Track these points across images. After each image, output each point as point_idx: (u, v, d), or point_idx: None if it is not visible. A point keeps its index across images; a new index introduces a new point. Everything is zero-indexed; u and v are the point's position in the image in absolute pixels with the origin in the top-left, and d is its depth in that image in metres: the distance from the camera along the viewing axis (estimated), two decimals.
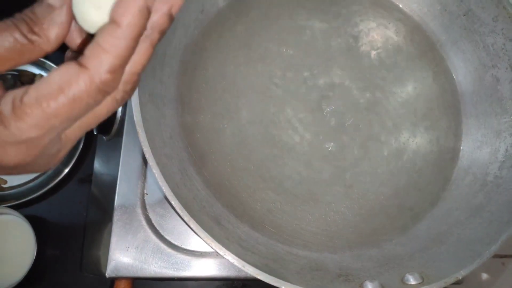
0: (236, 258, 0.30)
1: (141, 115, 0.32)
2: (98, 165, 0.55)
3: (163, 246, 0.41)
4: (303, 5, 0.46)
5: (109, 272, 0.40)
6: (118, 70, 0.18)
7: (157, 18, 0.19)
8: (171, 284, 0.55)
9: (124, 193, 0.42)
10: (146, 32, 0.19)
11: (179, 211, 0.31)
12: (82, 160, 0.56)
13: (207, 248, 0.42)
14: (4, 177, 0.54)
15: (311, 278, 0.35)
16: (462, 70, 0.47)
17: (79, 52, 0.21)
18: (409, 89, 0.46)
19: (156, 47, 0.20)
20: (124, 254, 0.41)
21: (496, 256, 0.49)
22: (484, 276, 0.52)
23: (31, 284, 0.52)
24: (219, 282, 0.56)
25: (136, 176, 0.43)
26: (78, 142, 0.55)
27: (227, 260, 0.30)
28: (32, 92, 0.18)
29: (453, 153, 0.45)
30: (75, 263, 0.54)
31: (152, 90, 0.37)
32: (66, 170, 0.55)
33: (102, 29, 0.18)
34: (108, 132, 0.46)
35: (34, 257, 0.49)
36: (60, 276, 0.54)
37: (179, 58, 0.41)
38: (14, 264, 0.48)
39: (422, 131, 0.45)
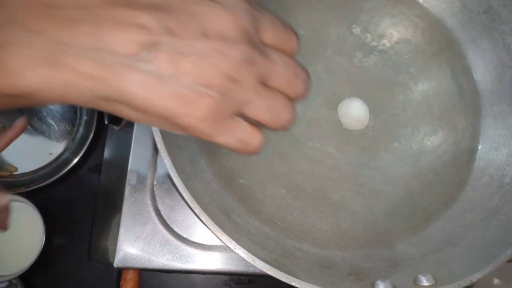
0: (247, 252, 0.30)
1: None
2: (108, 155, 0.55)
3: (171, 238, 0.41)
4: None
5: (117, 262, 0.40)
6: None
7: None
8: (178, 277, 0.55)
9: (133, 183, 0.42)
10: None
11: (190, 203, 0.30)
12: (92, 150, 0.56)
13: (215, 242, 0.42)
14: (15, 164, 0.54)
15: (321, 275, 0.34)
16: (481, 69, 0.46)
17: None
18: (426, 87, 0.45)
19: None
20: (132, 245, 0.40)
21: (510, 261, 0.48)
22: (496, 281, 0.51)
23: (39, 272, 0.52)
24: (226, 276, 0.56)
25: (146, 167, 0.42)
26: (89, 132, 0.55)
27: (237, 254, 0.30)
28: None
29: (470, 154, 0.44)
30: (83, 252, 0.54)
31: None
32: (76, 159, 0.55)
33: None
34: (119, 122, 0.46)
35: (43, 245, 0.49)
36: (68, 264, 0.54)
37: None
38: (22, 251, 0.49)
39: (438, 130, 0.44)
